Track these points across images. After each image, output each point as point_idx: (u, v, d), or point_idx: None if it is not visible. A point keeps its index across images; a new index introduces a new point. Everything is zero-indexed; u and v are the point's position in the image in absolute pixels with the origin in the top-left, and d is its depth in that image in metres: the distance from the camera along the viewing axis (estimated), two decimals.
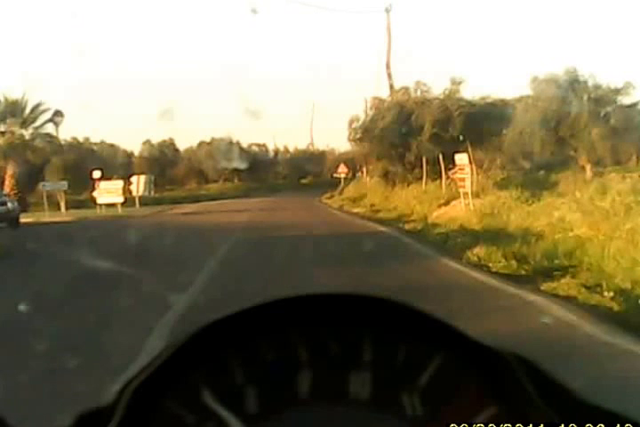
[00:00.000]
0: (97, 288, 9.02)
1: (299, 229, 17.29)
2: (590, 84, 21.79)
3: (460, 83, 26.27)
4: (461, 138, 23.50)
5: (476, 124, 23.99)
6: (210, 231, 18.81)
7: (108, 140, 51.25)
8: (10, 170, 35.08)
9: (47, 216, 29.09)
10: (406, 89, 28.62)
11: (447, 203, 20.20)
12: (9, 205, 23.95)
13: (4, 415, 0.79)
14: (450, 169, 20.88)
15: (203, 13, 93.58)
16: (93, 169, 33.62)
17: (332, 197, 37.36)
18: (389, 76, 31.61)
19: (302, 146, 62.14)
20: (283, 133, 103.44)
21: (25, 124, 36.77)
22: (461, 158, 18.78)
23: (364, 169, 35.97)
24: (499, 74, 60.14)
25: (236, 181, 53.29)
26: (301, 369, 0.73)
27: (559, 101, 21.43)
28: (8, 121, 36.35)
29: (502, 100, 25.44)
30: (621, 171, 18.75)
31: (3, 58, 66.67)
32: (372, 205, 26.89)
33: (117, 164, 44.79)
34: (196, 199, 40.60)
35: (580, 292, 7.78)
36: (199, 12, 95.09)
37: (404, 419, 0.70)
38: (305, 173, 55.91)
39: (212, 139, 52.34)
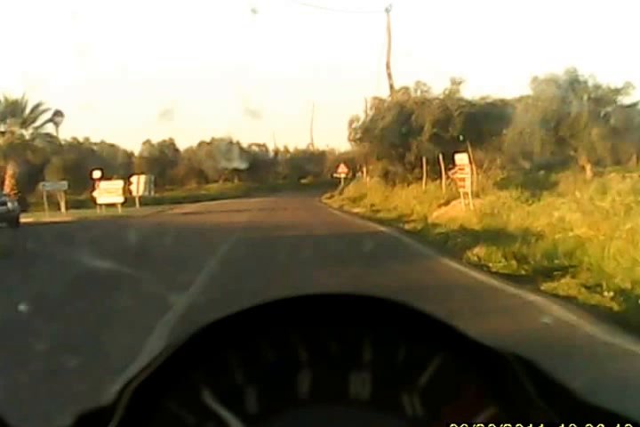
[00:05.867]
0: (97, 288, 9.02)
1: (299, 229, 17.29)
2: (590, 84, 21.80)
3: (459, 83, 26.28)
4: (461, 138, 23.50)
5: (476, 124, 24.00)
6: (210, 231, 18.82)
7: (108, 141, 51.37)
8: (10, 170, 35.09)
9: (47, 216, 29.09)
10: (406, 89, 28.62)
11: (447, 203, 20.20)
12: (9, 205, 23.96)
13: (5, 415, 0.79)
14: (450, 169, 20.87)
15: (203, 13, 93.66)
16: (93, 169, 33.64)
17: (332, 197, 37.37)
18: (389, 76, 31.63)
19: (302, 146, 62.31)
20: (283, 133, 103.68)
21: (25, 124, 36.78)
22: (461, 158, 18.78)
23: (364, 169, 35.97)
24: (499, 74, 60.24)
25: (236, 181, 53.31)
26: (301, 369, 0.73)
27: (559, 101, 21.43)
28: (8, 121, 36.38)
29: (502, 100, 25.44)
30: (621, 171, 18.72)
31: (3, 58, 66.68)
32: (372, 205, 26.89)
33: (117, 164, 44.84)
34: (196, 199, 40.61)
35: (580, 292, 7.78)
36: (199, 11, 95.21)
37: (404, 419, 0.70)
38: (305, 173, 55.93)
39: (212, 139, 52.46)
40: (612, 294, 7.40)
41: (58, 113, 37.05)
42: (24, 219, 25.62)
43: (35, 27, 79.68)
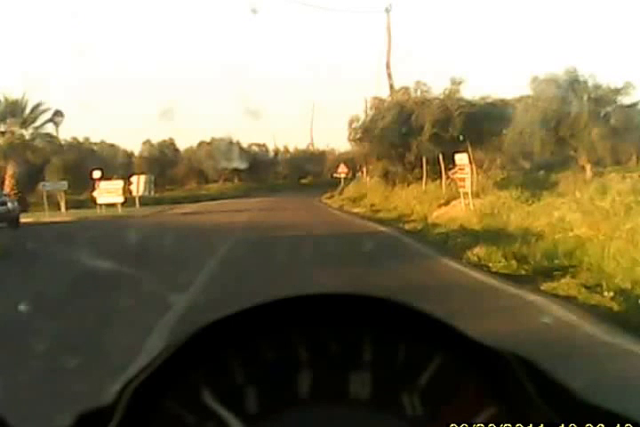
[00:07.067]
0: (97, 288, 9.02)
1: (299, 229, 17.29)
2: (590, 84, 21.80)
3: (459, 83, 26.29)
4: (461, 138, 23.50)
5: (476, 124, 23.99)
6: (210, 231, 18.82)
7: (108, 140, 51.36)
8: (10, 170, 35.10)
9: (47, 216, 29.09)
10: (406, 89, 28.63)
11: (447, 203, 20.21)
12: (9, 205, 23.96)
13: (5, 415, 0.79)
14: (450, 169, 20.88)
15: (203, 13, 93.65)
16: (93, 169, 33.66)
17: (332, 196, 37.37)
18: (389, 76, 31.65)
19: (302, 146, 62.26)
20: (283, 133, 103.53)
21: (25, 124, 36.78)
22: (461, 158, 18.79)
23: (364, 169, 35.98)
24: (499, 74, 60.28)
25: (236, 180, 53.32)
26: (301, 369, 0.73)
27: (559, 101, 21.43)
28: (8, 121, 36.37)
29: (502, 100, 25.45)
30: (621, 171, 18.75)
31: (3, 58, 66.67)
32: (371, 205, 26.90)
33: (117, 164, 44.82)
34: (196, 199, 40.61)
35: (580, 292, 7.78)
36: (199, 11, 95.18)
37: (404, 419, 0.70)
38: (305, 172, 55.93)
39: (212, 139, 52.44)
40: (611, 293, 7.40)
41: (58, 113, 37.08)
42: (24, 219, 25.62)
43: (34, 27, 79.75)
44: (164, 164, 50.20)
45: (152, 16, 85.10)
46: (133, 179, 37.09)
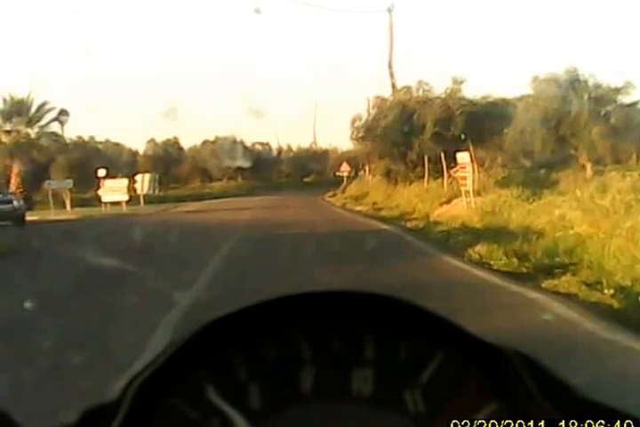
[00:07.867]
0: (101, 286, 9.04)
1: (301, 227, 17.29)
2: (590, 83, 21.80)
3: (461, 82, 26.30)
4: (463, 137, 23.49)
5: (477, 123, 24.00)
6: (213, 229, 18.82)
7: (113, 139, 51.40)
8: (16, 168, 35.13)
9: (52, 214, 29.11)
10: (408, 88, 28.63)
11: (449, 201, 20.20)
12: (15, 203, 24.03)
13: (10, 412, 0.80)
14: (451, 167, 20.86)
15: (206, 13, 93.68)
16: (98, 167, 33.80)
17: (334, 195, 37.37)
18: (391, 75, 31.61)
19: (305, 145, 62.30)
20: (286, 132, 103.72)
21: (30, 123, 36.81)
22: (463, 157, 18.76)
23: (367, 168, 35.96)
24: (500, 73, 60.28)
25: (239, 179, 53.31)
26: (304, 366, 0.73)
27: (560, 101, 21.42)
28: (14, 120, 36.41)
29: (503, 100, 25.45)
30: (621, 169, 18.73)
31: (8, 58, 66.62)
32: (374, 204, 26.89)
33: (122, 162, 44.91)
34: (200, 197, 40.63)
35: (581, 289, 7.79)
36: (202, 11, 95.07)
37: (406, 416, 0.71)
38: (308, 171, 55.90)
39: (216, 138, 52.49)
40: (612, 291, 7.41)
41: (63, 112, 37.13)
42: (30, 217, 25.66)
43: (39, 27, 79.77)
44: (168, 162, 50.25)
45: (156, 16, 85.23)
46: (138, 177, 37.17)
